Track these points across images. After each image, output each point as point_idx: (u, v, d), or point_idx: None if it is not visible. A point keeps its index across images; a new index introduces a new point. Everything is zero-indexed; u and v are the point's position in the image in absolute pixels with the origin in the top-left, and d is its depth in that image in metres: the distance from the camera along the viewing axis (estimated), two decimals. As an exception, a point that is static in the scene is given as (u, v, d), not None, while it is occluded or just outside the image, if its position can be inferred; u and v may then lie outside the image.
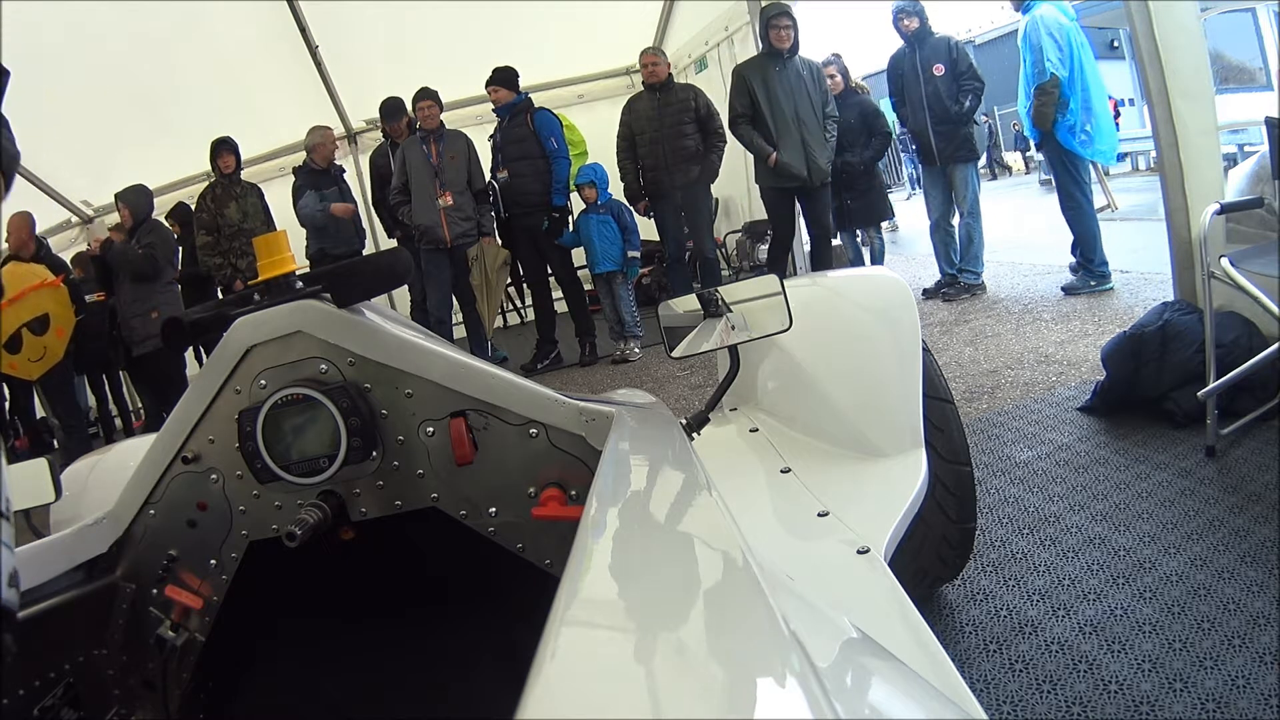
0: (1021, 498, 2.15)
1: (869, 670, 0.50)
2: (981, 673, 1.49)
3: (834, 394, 1.34)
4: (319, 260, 4.96)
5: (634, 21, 6.41)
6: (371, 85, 5.55)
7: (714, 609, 0.40)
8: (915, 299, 1.47)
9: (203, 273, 4.92)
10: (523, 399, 0.88)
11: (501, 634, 0.96)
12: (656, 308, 1.32)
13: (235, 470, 0.88)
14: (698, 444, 1.15)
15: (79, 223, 6.47)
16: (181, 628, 0.90)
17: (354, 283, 0.85)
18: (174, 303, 4.62)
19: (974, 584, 1.79)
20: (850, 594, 0.80)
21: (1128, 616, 1.57)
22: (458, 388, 0.87)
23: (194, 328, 0.87)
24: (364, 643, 0.97)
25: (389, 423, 0.88)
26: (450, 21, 5.70)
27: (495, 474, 0.88)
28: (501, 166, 4.83)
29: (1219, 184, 2.75)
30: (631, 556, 0.47)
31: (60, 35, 4.70)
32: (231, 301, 0.91)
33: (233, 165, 4.90)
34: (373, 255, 0.92)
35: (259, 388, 0.87)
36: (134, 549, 0.91)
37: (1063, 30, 3.91)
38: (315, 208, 4.91)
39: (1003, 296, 4.41)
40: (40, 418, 5.51)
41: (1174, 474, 2.11)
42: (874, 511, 1.02)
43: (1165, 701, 1.33)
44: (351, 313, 0.87)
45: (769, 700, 0.30)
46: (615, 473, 0.66)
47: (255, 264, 0.90)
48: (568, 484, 0.86)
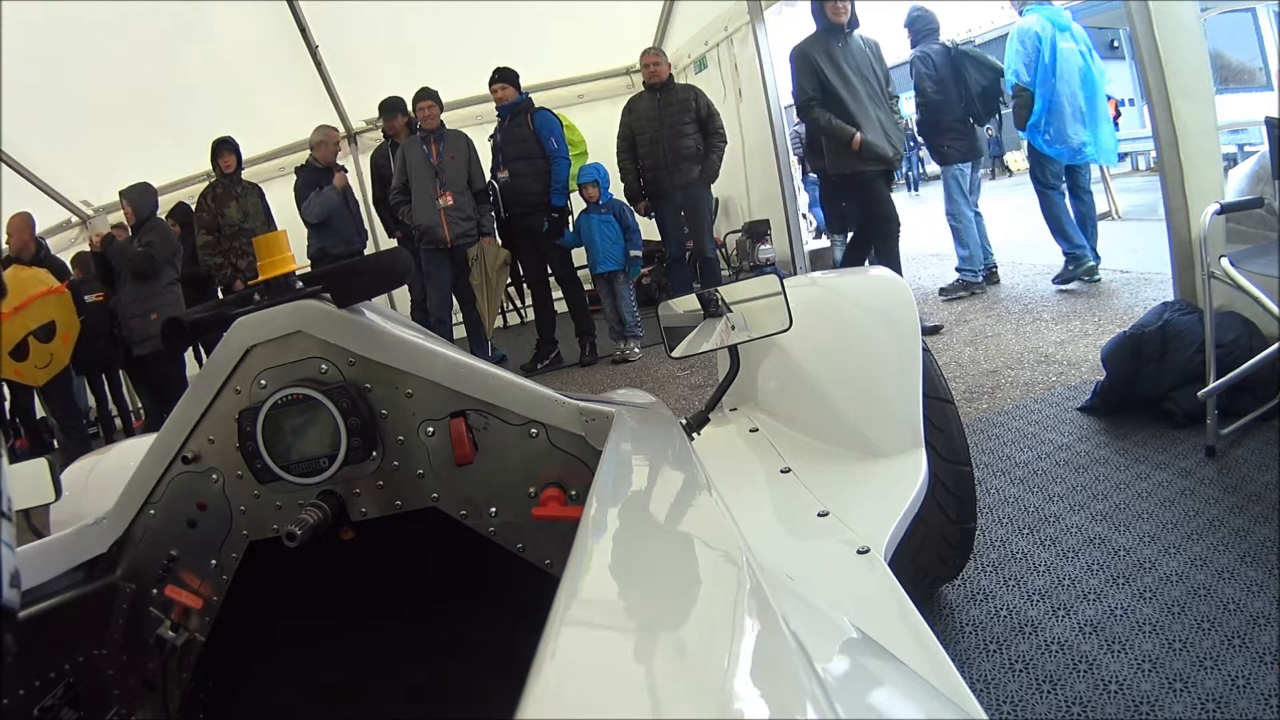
0: (1021, 498, 2.15)
1: (869, 670, 0.50)
2: (981, 673, 1.49)
3: (834, 394, 1.34)
4: (319, 260, 4.96)
5: (634, 21, 6.41)
6: (371, 85, 5.55)
7: (714, 609, 0.41)
8: (917, 298, 1.47)
9: (203, 272, 4.91)
10: (523, 399, 0.88)
11: (501, 634, 0.96)
12: (656, 308, 1.32)
13: (235, 470, 0.88)
14: (698, 444, 1.15)
15: (79, 223, 6.47)
16: (181, 628, 0.90)
17: (354, 283, 0.85)
18: (175, 303, 4.61)
19: (974, 584, 1.79)
20: (850, 594, 0.80)
21: (1128, 616, 1.57)
22: (458, 388, 0.87)
23: (194, 328, 0.87)
24: (364, 643, 0.97)
25: (389, 423, 0.88)
26: (450, 21, 5.70)
27: (495, 474, 0.88)
28: (502, 166, 4.83)
29: (1219, 184, 2.75)
30: (631, 556, 0.47)
31: (61, 35, 4.71)
32: (231, 301, 0.91)
33: (234, 165, 4.90)
34: (373, 255, 0.92)
35: (259, 388, 0.87)
36: (134, 549, 0.91)
37: (1031, 38, 4.06)
38: (323, 197, 4.91)
39: (1003, 296, 4.41)
40: (40, 418, 5.51)
41: (1174, 474, 2.11)
42: (874, 511, 1.02)
43: (1165, 701, 1.33)
44: (351, 313, 0.87)
45: (769, 700, 0.30)
46: (615, 473, 0.66)
47: (255, 264, 0.90)
48: (568, 484, 0.86)
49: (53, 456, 1.62)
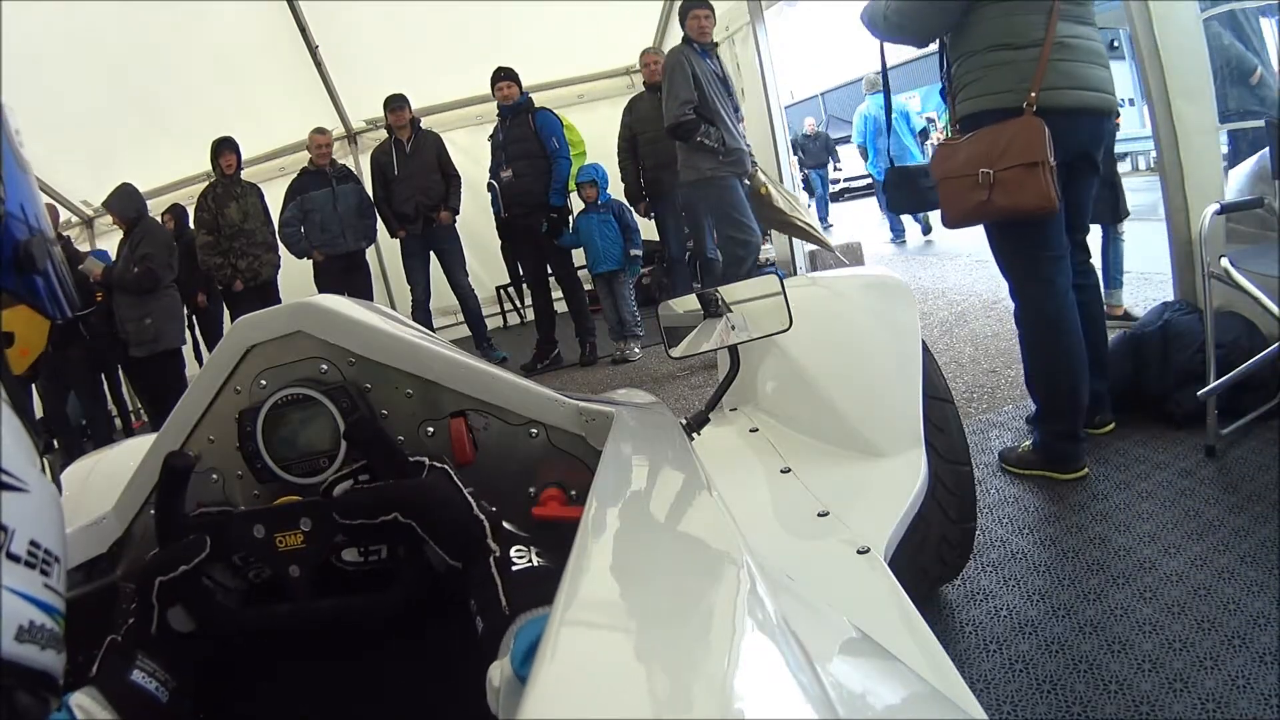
0: (1021, 498, 2.15)
1: (869, 670, 0.50)
2: (981, 673, 1.49)
3: (834, 394, 1.34)
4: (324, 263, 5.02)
5: (634, 21, 6.41)
6: (371, 85, 5.55)
7: (714, 609, 0.41)
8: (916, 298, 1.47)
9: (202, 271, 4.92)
10: (523, 399, 0.88)
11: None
12: (656, 308, 1.32)
13: (235, 470, 0.88)
14: (698, 444, 1.15)
15: (79, 223, 6.46)
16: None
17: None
18: (171, 306, 4.61)
19: (974, 584, 1.79)
20: (850, 594, 0.80)
21: (1128, 616, 1.57)
22: (458, 388, 0.87)
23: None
24: (364, 639, 0.97)
25: (389, 423, 0.88)
26: (450, 21, 5.70)
27: (495, 474, 0.87)
28: (505, 166, 4.83)
29: (1219, 184, 2.74)
30: (631, 556, 0.47)
31: (60, 35, 4.70)
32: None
33: (234, 165, 4.91)
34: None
35: (259, 387, 0.87)
36: (134, 549, 0.91)
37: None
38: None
39: (1002, 296, 4.40)
40: (40, 418, 5.51)
41: (1174, 474, 2.11)
42: (874, 511, 1.02)
43: (1165, 701, 1.33)
44: (352, 313, 0.87)
45: (769, 700, 0.30)
46: (615, 473, 0.66)
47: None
48: (568, 484, 0.86)
49: (53, 456, 1.61)
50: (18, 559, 0.41)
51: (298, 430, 0.84)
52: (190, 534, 0.74)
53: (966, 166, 1.99)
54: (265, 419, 0.83)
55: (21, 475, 0.44)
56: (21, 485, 0.43)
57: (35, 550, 0.42)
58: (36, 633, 0.41)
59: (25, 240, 0.54)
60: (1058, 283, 2.10)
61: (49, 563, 0.44)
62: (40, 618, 0.41)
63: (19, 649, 0.40)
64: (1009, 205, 1.95)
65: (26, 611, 0.41)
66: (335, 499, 0.76)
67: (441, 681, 0.80)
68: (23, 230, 0.54)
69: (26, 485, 0.44)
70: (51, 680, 0.42)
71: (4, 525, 0.41)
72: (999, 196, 1.95)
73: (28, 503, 0.43)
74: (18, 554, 0.41)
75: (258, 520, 0.77)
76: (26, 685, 0.40)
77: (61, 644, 0.44)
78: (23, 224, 0.54)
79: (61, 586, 0.45)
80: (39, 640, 0.41)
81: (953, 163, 2.04)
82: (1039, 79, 1.92)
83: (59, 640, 0.43)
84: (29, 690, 0.40)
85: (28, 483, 0.44)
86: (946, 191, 2.08)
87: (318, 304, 0.88)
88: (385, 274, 6.51)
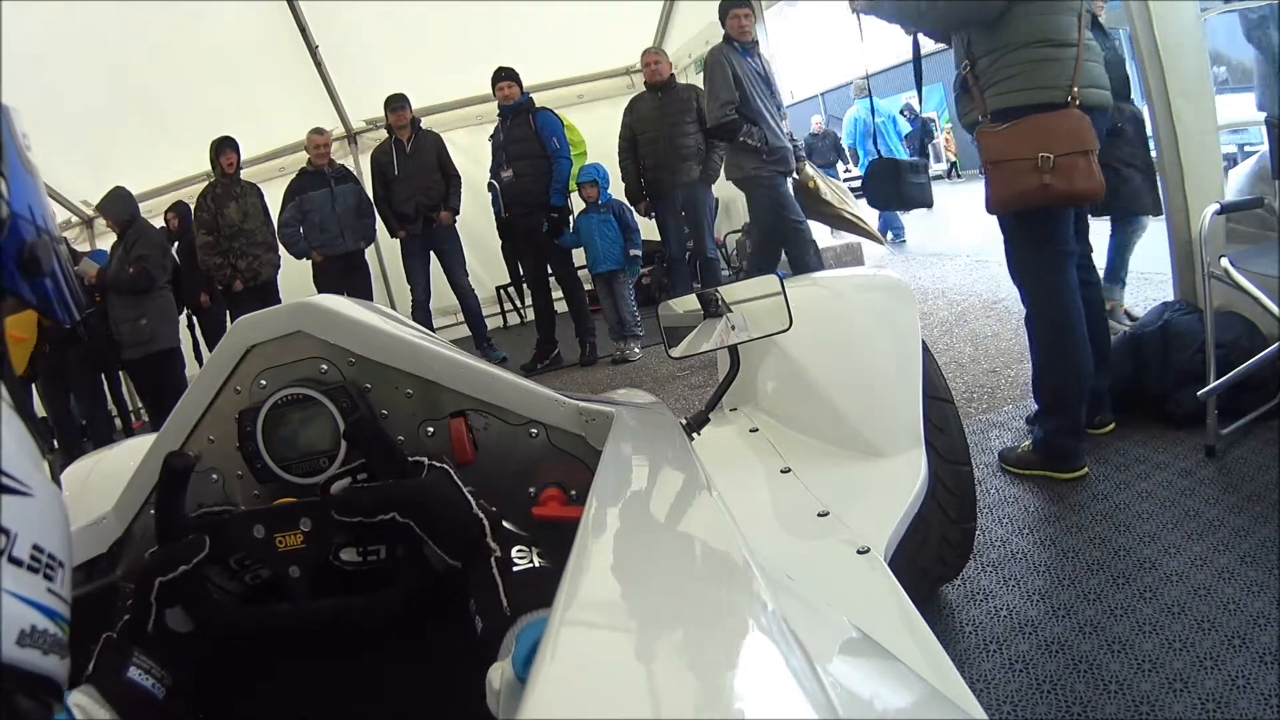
0: (1021, 498, 2.15)
1: (869, 670, 0.51)
2: (981, 673, 1.49)
3: (834, 394, 1.34)
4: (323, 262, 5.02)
5: (634, 21, 6.41)
6: (371, 85, 5.55)
7: (714, 609, 0.41)
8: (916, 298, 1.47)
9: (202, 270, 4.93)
10: (523, 399, 0.88)
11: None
12: (656, 308, 1.32)
13: (235, 470, 0.88)
14: (698, 444, 1.15)
15: (79, 223, 6.46)
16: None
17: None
18: (165, 307, 4.61)
19: (974, 584, 1.79)
20: (850, 594, 0.80)
21: (1128, 616, 1.57)
22: (458, 388, 0.87)
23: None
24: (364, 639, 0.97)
25: (389, 423, 0.88)
26: (450, 21, 5.70)
27: (495, 474, 0.87)
28: (506, 166, 4.83)
29: (1219, 184, 2.74)
30: (631, 556, 0.47)
31: (60, 35, 4.70)
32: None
33: (235, 164, 4.91)
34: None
35: (259, 387, 0.87)
36: (134, 549, 0.91)
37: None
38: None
39: (1003, 296, 4.41)
40: (41, 417, 5.51)
41: (1174, 474, 2.11)
42: (874, 511, 1.02)
43: (1165, 701, 1.33)
44: (352, 313, 0.87)
45: (769, 700, 0.30)
46: (615, 473, 0.66)
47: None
48: (568, 484, 0.86)
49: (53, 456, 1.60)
50: (20, 563, 0.41)
51: (298, 430, 0.84)
52: (190, 534, 0.74)
53: (1025, 149, 2.02)
54: (265, 419, 0.83)
55: (24, 478, 0.43)
56: (24, 489, 0.43)
57: (39, 554, 0.42)
58: (39, 637, 0.41)
59: (32, 243, 0.53)
60: (1068, 276, 2.15)
61: (53, 567, 0.43)
62: (43, 622, 0.41)
63: (20, 653, 0.39)
64: (1066, 189, 2.00)
65: (29, 616, 0.40)
66: (334, 497, 0.76)
67: (441, 681, 0.80)
68: (31, 233, 0.54)
69: (30, 489, 0.43)
70: (54, 685, 0.42)
71: (5, 529, 0.40)
72: (1056, 180, 2.00)
73: (31, 506, 0.43)
74: (20, 558, 0.41)
75: (257, 520, 0.77)
76: (27, 690, 0.40)
77: (65, 649, 0.44)
78: (30, 226, 0.54)
79: (66, 591, 0.45)
80: (41, 645, 0.41)
81: (1007, 146, 2.07)
82: (1078, 76, 2.00)
83: (62, 645, 0.43)
84: (30, 695, 0.40)
85: (31, 486, 0.43)
86: (999, 175, 2.10)
87: (318, 304, 0.88)
88: (385, 274, 6.50)
